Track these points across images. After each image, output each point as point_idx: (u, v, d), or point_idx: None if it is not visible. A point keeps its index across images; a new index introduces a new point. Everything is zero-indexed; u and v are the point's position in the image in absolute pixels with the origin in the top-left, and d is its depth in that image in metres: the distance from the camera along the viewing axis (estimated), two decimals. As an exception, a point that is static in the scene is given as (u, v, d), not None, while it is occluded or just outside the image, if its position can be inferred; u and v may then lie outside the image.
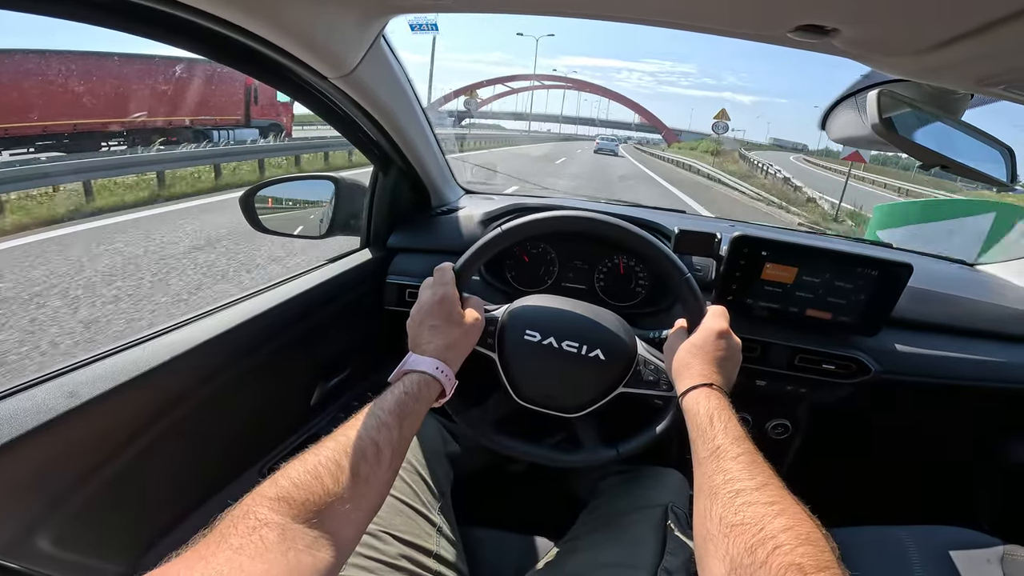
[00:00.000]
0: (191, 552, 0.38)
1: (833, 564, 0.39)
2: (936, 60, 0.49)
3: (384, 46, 0.79)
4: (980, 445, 1.22)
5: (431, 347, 0.66)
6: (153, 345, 0.69)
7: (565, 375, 0.78)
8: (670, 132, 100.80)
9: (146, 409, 0.67)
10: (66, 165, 6.56)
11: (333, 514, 0.45)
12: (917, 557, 0.81)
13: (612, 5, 0.54)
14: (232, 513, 0.42)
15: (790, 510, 0.45)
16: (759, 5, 0.48)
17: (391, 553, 0.71)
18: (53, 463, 0.58)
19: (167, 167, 7.92)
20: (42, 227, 5.08)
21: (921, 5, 0.43)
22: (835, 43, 0.49)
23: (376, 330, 1.19)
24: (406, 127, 0.98)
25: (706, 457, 0.54)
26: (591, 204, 1.42)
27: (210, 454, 0.82)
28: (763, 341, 0.98)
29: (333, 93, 0.79)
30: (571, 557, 0.77)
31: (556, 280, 1.13)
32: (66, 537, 0.61)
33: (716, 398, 0.61)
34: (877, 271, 0.91)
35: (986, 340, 1.04)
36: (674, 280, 0.76)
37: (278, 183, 1.16)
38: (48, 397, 0.57)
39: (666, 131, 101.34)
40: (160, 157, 8.21)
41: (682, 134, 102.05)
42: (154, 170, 7.69)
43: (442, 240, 1.16)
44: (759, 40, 0.54)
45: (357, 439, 0.52)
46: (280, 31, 0.59)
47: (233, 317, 0.80)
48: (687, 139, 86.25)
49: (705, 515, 0.48)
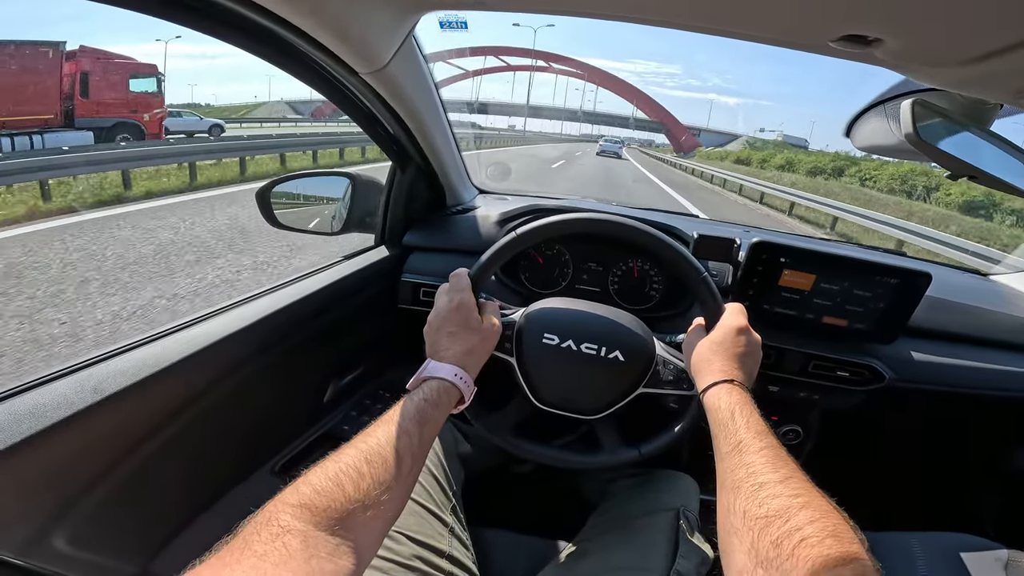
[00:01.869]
0: (215, 559, 0.38)
1: (861, 555, 0.39)
2: (977, 72, 0.49)
3: (414, 44, 0.78)
4: (989, 453, 1.22)
5: (450, 354, 0.66)
6: (172, 340, 0.69)
7: (585, 377, 0.78)
8: (688, 135, 78.43)
9: (164, 405, 0.67)
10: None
11: (354, 521, 0.45)
12: (923, 562, 0.82)
13: (651, 8, 0.54)
14: (255, 519, 0.42)
15: (815, 503, 0.45)
16: (803, 14, 0.48)
17: (404, 554, 0.71)
18: (71, 460, 0.57)
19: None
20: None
21: (966, 17, 0.43)
22: (877, 53, 0.49)
23: (390, 328, 1.19)
24: (429, 125, 0.97)
25: (728, 452, 0.55)
26: (605, 206, 1.42)
27: (224, 451, 0.82)
28: (778, 347, 0.98)
29: (361, 88, 0.79)
30: (582, 559, 0.78)
31: (570, 282, 1.13)
32: (81, 536, 0.61)
33: (738, 393, 0.61)
34: (896, 279, 0.91)
35: (999, 350, 1.04)
36: (692, 280, 0.76)
37: (294, 179, 1.15)
38: (71, 391, 0.57)
39: (684, 136, 78.27)
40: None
41: (700, 133, 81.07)
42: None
43: (458, 239, 1.16)
44: (799, 48, 0.54)
45: (378, 446, 0.52)
46: (318, 23, 0.58)
47: (250, 314, 0.80)
48: (709, 142, 67.47)
49: (729, 509, 0.48)
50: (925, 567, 0.81)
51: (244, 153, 9.71)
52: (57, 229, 4.90)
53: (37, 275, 3.65)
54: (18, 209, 5.51)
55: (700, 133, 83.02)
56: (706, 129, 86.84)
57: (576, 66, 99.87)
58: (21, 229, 4.85)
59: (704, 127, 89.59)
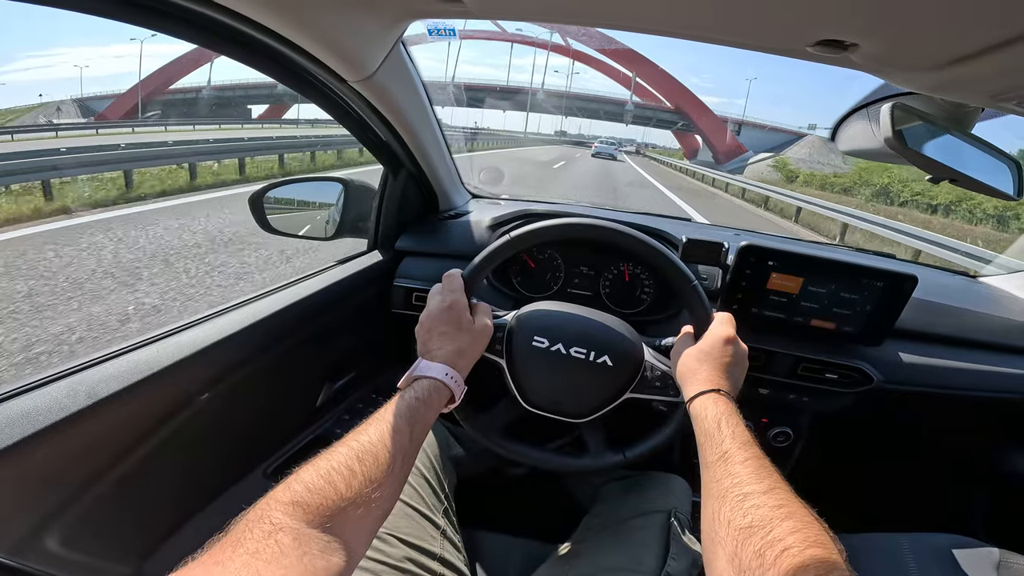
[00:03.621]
0: (207, 556, 0.38)
1: (841, 566, 0.40)
2: (953, 75, 0.50)
3: (403, 51, 0.79)
4: (978, 454, 1.23)
5: (441, 353, 0.67)
6: (165, 345, 0.70)
7: (573, 381, 0.78)
8: (731, 134, 44.81)
9: (157, 409, 0.67)
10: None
11: (345, 519, 0.46)
12: (914, 563, 0.82)
13: (631, 15, 0.55)
14: (247, 517, 0.42)
15: (798, 513, 0.45)
16: (780, 20, 0.49)
17: (396, 556, 0.71)
18: (64, 462, 0.57)
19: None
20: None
21: (940, 22, 0.44)
22: (853, 58, 0.50)
23: (382, 333, 1.19)
24: (419, 131, 0.98)
25: (714, 461, 0.55)
26: (598, 211, 1.43)
27: (216, 455, 0.82)
28: (767, 350, 0.98)
29: (350, 96, 0.80)
30: (574, 561, 0.78)
31: (562, 286, 1.13)
32: (74, 538, 0.61)
33: (724, 403, 0.62)
34: (882, 282, 0.92)
35: (988, 351, 1.05)
36: (681, 287, 0.76)
37: (287, 184, 1.16)
38: (63, 395, 0.57)
39: (726, 136, 44.83)
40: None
41: (741, 129, 46.92)
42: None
43: (450, 244, 1.17)
44: (778, 53, 0.55)
45: (369, 444, 0.52)
46: (305, 33, 0.59)
47: (243, 318, 0.80)
48: (756, 144, 39.20)
49: (713, 518, 0.49)
50: (916, 568, 0.82)
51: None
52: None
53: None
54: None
55: (740, 129, 48.14)
56: (750, 122, 49.22)
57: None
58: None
59: (745, 118, 50.89)
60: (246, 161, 10.54)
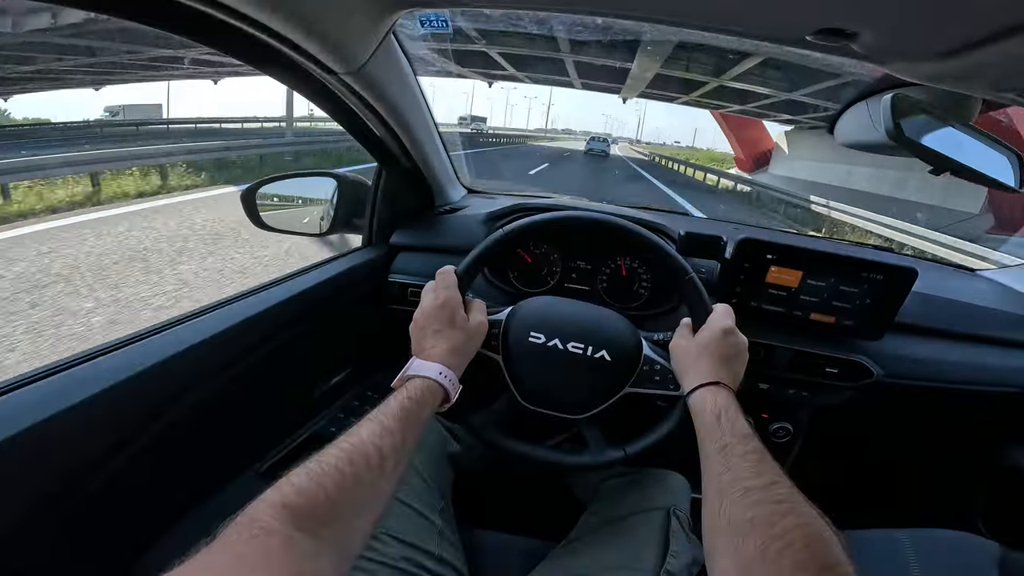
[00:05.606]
0: (194, 561, 0.37)
1: (844, 562, 0.40)
2: (953, 65, 0.49)
3: (394, 42, 0.78)
4: (979, 449, 1.23)
5: (435, 352, 0.66)
6: (154, 341, 0.68)
7: (571, 377, 0.77)
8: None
9: (146, 407, 0.66)
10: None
11: (336, 522, 0.45)
12: (915, 559, 0.82)
13: (628, 3, 0.54)
14: (236, 521, 0.41)
15: (799, 508, 0.45)
16: (780, 8, 0.48)
17: (392, 555, 0.70)
18: (49, 462, 0.56)
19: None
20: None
21: (941, 10, 0.43)
22: (854, 47, 0.49)
23: (377, 329, 1.18)
24: (413, 125, 0.97)
25: (714, 455, 0.55)
26: (594, 205, 1.42)
27: (208, 454, 0.81)
28: (766, 344, 0.98)
29: (341, 89, 0.78)
30: (573, 559, 0.77)
31: (559, 281, 1.13)
32: (60, 539, 0.60)
33: (723, 396, 0.62)
34: (882, 275, 0.91)
35: (987, 345, 1.05)
36: (679, 280, 0.76)
37: (280, 180, 1.15)
38: (47, 394, 0.56)
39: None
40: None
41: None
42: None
43: (445, 239, 1.16)
44: (777, 43, 0.54)
45: (360, 445, 0.51)
46: (291, 24, 0.58)
47: (235, 314, 0.79)
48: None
49: (714, 513, 0.49)
50: (917, 563, 0.81)
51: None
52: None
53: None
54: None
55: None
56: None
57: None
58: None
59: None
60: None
